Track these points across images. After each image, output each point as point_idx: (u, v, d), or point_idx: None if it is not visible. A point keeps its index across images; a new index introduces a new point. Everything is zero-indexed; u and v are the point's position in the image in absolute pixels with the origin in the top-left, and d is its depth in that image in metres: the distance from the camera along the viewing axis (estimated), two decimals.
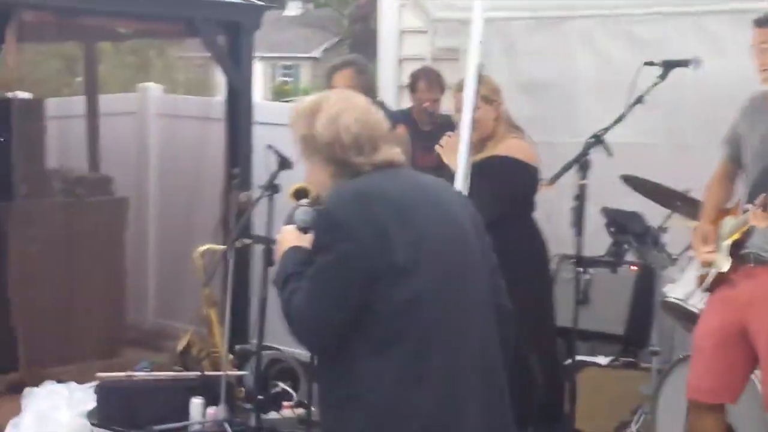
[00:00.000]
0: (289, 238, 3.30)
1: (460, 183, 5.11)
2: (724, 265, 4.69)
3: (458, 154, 5.26)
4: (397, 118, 6.52)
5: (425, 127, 6.80)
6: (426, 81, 6.85)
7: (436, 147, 5.71)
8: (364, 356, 3.03)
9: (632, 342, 5.98)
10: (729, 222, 4.74)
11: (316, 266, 3.06)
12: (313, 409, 5.72)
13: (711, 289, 4.81)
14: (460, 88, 5.56)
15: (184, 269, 7.25)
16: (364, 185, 3.13)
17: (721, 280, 4.74)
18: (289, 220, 3.37)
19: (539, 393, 5.92)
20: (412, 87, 6.91)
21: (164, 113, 8.82)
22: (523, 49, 6.86)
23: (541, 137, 6.14)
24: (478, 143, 5.56)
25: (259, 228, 6.28)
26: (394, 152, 3.21)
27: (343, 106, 3.18)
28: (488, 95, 5.57)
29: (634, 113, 5.17)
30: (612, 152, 5.01)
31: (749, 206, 4.43)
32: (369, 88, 6.15)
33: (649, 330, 5.71)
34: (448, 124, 6.40)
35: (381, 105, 6.45)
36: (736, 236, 4.64)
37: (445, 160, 5.55)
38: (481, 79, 5.42)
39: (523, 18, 6.88)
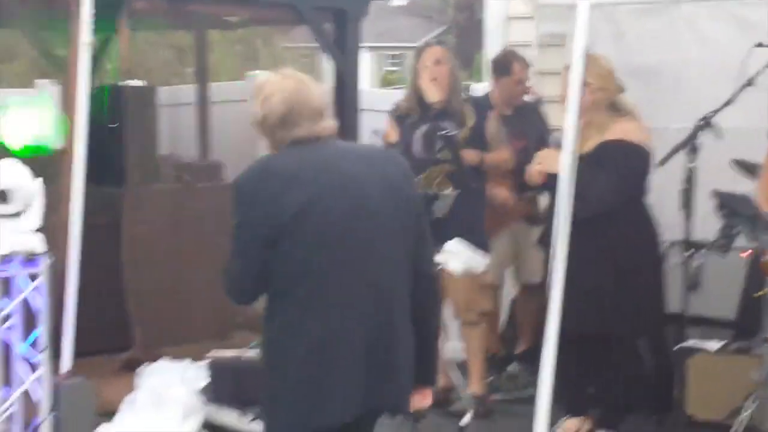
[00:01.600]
0: None
1: (568, 171, 5.06)
2: None
3: (560, 154, 5.20)
4: (484, 104, 6.53)
5: (506, 112, 6.78)
6: (519, 62, 6.82)
7: (536, 167, 5.67)
8: (270, 303, 3.56)
9: (744, 328, 5.89)
10: None
11: (232, 231, 3.57)
12: None
13: None
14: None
15: None
16: (269, 159, 3.64)
17: None
18: None
19: (649, 379, 5.90)
20: (504, 71, 6.82)
21: None
22: (631, 35, 6.81)
23: (648, 123, 6.10)
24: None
25: None
26: (319, 127, 3.59)
27: (276, 88, 3.60)
28: (586, 79, 5.51)
29: (744, 97, 5.12)
30: (722, 135, 4.96)
31: None
32: (454, 69, 6.21)
33: (761, 316, 5.62)
34: (530, 108, 6.39)
35: (467, 90, 6.50)
36: None
37: (549, 170, 5.51)
38: (587, 63, 5.37)
39: (630, 3, 6.83)
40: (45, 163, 6.72)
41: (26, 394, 5.40)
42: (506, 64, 6.83)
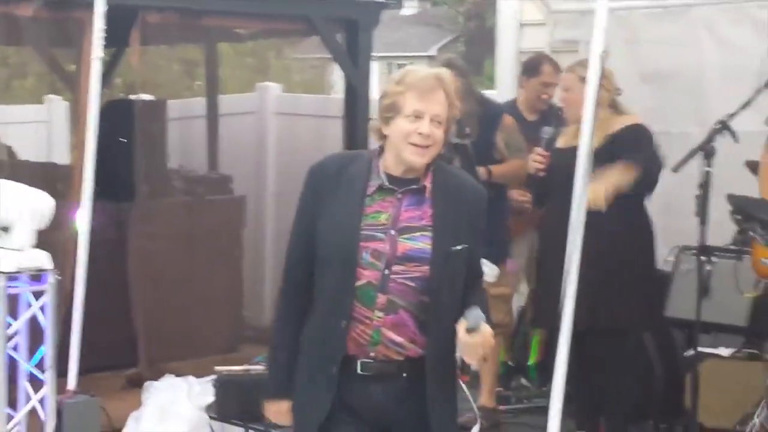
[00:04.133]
0: None
1: (584, 165, 4.96)
2: None
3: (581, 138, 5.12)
4: (503, 109, 6.44)
5: (531, 117, 6.70)
6: (550, 64, 6.73)
7: (531, 163, 5.66)
8: None
9: (756, 334, 5.81)
10: None
11: None
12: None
13: None
14: (570, 69, 5.47)
15: None
16: None
17: None
18: None
19: (658, 386, 5.82)
20: (533, 71, 6.75)
21: (283, 112, 8.88)
22: (646, 39, 6.74)
23: (664, 127, 6.02)
24: (573, 124, 5.48)
25: None
26: None
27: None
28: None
29: (762, 101, 5.02)
30: (738, 138, 4.86)
31: None
32: (468, 90, 6.09)
33: None
34: (553, 114, 6.30)
35: (482, 99, 6.41)
36: None
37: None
38: (587, 62, 5.30)
39: (646, 7, 6.75)
40: (54, 178, 6.71)
41: (32, 412, 5.36)
42: (537, 65, 6.78)
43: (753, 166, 5.54)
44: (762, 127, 5.40)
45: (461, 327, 3.28)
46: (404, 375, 3.42)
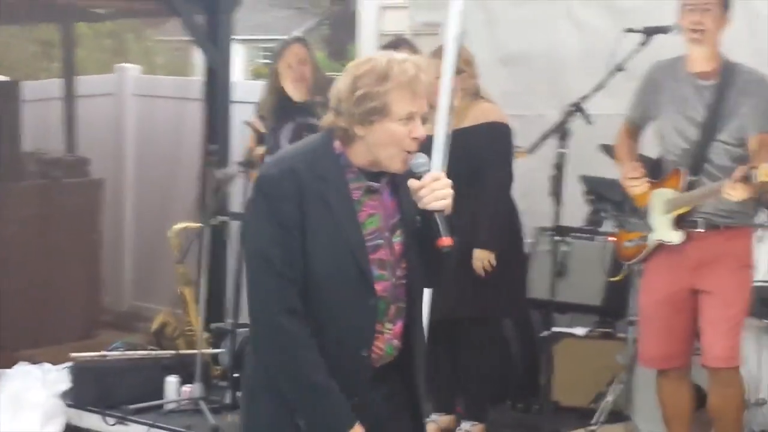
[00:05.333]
0: None
1: (439, 153, 4.97)
2: (675, 237, 4.71)
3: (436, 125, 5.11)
4: None
5: None
6: (410, 48, 6.70)
7: None
8: None
9: (609, 312, 5.93)
10: (666, 194, 4.75)
11: None
12: None
13: (645, 258, 4.87)
14: (435, 54, 5.44)
15: (161, 250, 7.18)
16: None
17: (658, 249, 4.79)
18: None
19: (515, 366, 5.88)
20: None
21: (141, 94, 8.73)
22: (505, 22, 6.76)
23: (523, 110, 6.06)
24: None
25: (235, 205, 6.21)
26: None
27: None
28: (459, 66, 5.45)
29: (617, 84, 5.09)
30: (591, 120, 4.95)
31: (725, 180, 4.43)
32: (317, 65, 6.14)
33: (626, 300, 5.66)
34: None
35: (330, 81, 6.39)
36: (684, 210, 4.68)
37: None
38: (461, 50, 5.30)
39: None
40: None
41: None
42: (395, 49, 6.69)
43: (607, 150, 5.62)
44: (616, 110, 5.50)
45: (410, 181, 3.00)
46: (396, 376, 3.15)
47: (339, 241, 2.98)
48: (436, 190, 3.00)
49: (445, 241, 3.01)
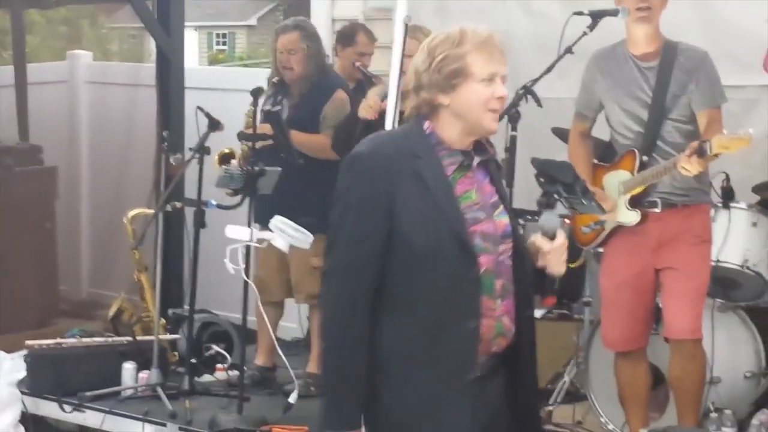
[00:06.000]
0: None
1: None
2: (631, 217, 4.79)
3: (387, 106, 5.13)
4: (340, 84, 6.40)
5: (350, 84, 6.70)
6: (366, 33, 6.72)
7: (362, 108, 5.62)
8: None
9: (565, 294, 5.99)
10: (620, 176, 4.81)
11: None
12: (246, 370, 5.68)
13: (603, 243, 4.95)
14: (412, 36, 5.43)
15: (118, 237, 7.18)
16: None
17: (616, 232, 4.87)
18: None
19: None
20: (348, 40, 6.69)
21: (94, 81, 8.68)
22: (454, 7, 6.79)
23: None
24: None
25: (190, 191, 6.21)
26: None
27: None
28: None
29: (567, 68, 5.14)
30: (542, 103, 4.99)
31: (679, 156, 4.49)
32: (317, 52, 6.19)
33: (581, 281, 5.73)
34: (368, 83, 6.32)
35: (325, 68, 6.41)
36: (639, 189, 4.76)
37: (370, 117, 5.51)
38: (420, 31, 5.30)
39: None
40: None
41: None
42: (351, 35, 6.69)
43: (559, 133, 5.67)
44: (567, 93, 5.55)
45: (538, 237, 3.13)
46: (503, 368, 3.16)
47: (437, 214, 3.02)
48: (563, 256, 3.15)
49: (551, 300, 3.22)
